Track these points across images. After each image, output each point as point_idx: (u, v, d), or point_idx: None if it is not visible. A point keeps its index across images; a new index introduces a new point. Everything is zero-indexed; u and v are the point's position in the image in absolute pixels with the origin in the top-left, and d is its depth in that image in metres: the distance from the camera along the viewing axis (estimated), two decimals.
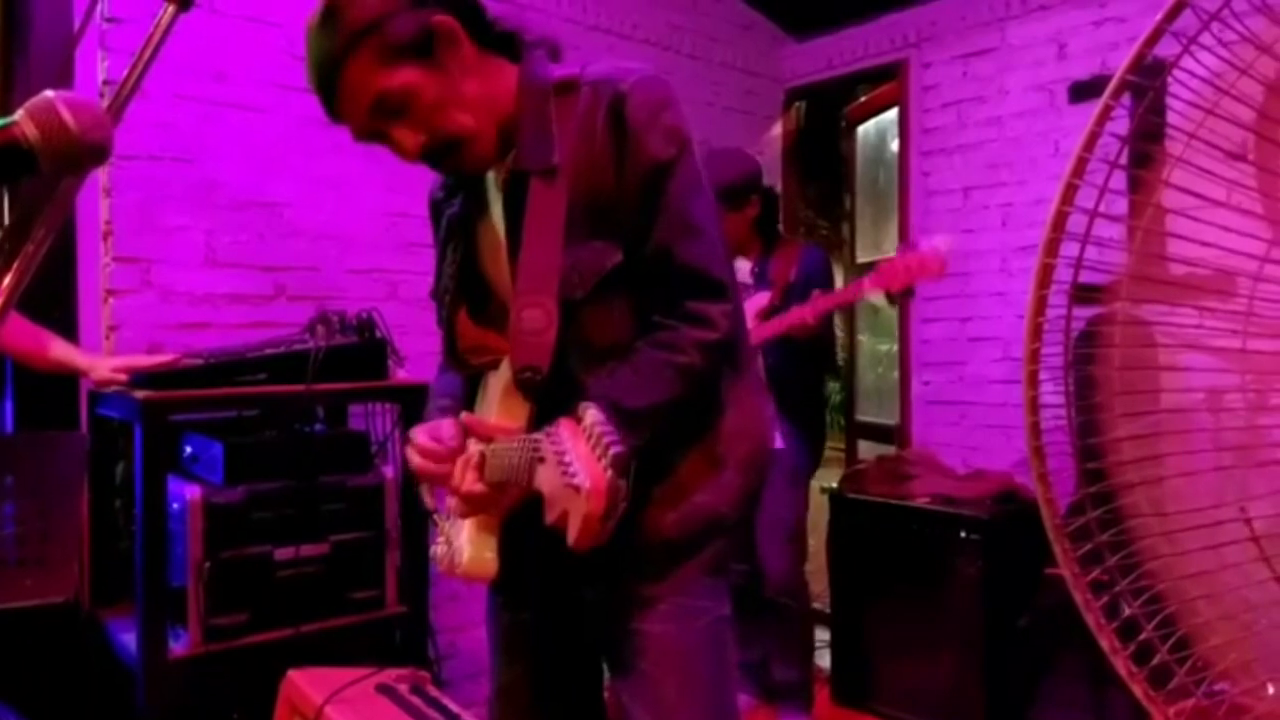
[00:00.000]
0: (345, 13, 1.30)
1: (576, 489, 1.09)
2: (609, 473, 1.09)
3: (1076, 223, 1.66)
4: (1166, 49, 1.71)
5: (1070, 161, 1.56)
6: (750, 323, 3.15)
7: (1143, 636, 1.54)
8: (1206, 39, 1.45)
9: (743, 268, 3.33)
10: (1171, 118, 1.51)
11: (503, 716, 1.67)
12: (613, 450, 1.09)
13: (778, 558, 3.24)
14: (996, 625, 3.14)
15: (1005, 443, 3.82)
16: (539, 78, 1.43)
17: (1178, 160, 1.49)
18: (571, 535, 1.12)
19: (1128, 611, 1.52)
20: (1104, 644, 1.57)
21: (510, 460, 1.30)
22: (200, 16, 2.87)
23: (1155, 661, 1.52)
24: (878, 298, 3.09)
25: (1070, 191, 1.55)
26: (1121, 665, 1.57)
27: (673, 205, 1.38)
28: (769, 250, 3.37)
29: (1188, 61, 1.47)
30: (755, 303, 3.25)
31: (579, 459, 1.11)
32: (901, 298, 3.13)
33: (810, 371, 3.37)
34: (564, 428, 1.15)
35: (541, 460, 1.18)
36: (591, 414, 1.14)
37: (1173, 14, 1.47)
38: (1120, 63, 3.26)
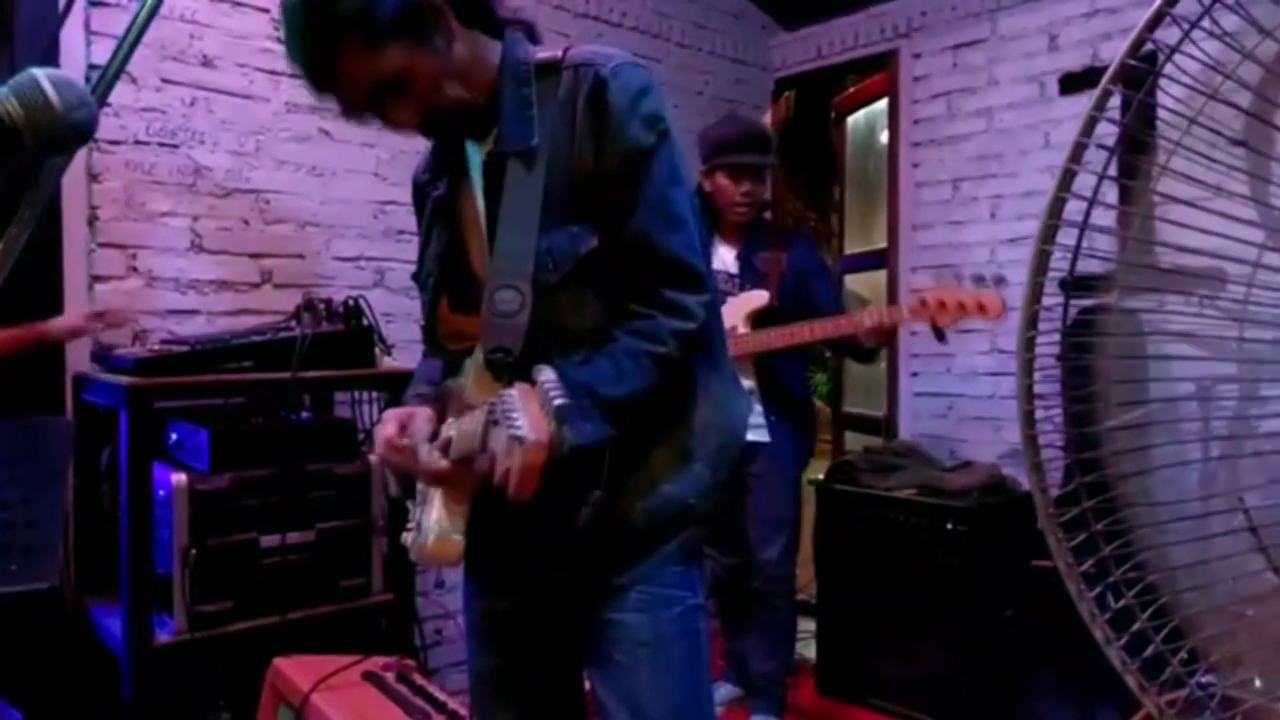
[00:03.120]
0: None
1: (520, 440, 1.16)
2: (552, 424, 1.16)
3: (1070, 210, 1.65)
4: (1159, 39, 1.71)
5: (1069, 147, 1.56)
6: (744, 326, 3.08)
7: (1136, 627, 1.54)
8: (1204, 24, 1.45)
9: (726, 256, 3.22)
10: (1167, 102, 1.50)
11: (479, 704, 1.67)
12: (556, 403, 1.15)
13: (768, 551, 3.19)
14: (982, 616, 3.16)
15: (993, 435, 3.83)
16: (520, 58, 1.43)
17: (1176, 146, 1.49)
18: (510, 486, 1.19)
19: (1121, 602, 1.51)
20: (1098, 635, 1.56)
21: (470, 429, 1.33)
22: (187, 1, 2.85)
23: (1149, 652, 1.52)
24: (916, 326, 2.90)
25: (1068, 177, 1.54)
26: (1115, 656, 1.57)
27: (652, 193, 1.38)
28: (755, 238, 3.23)
29: (1184, 47, 1.46)
30: (749, 301, 3.12)
31: (526, 414, 1.17)
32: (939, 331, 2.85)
33: (800, 364, 3.33)
34: (517, 389, 1.22)
35: (495, 423, 1.23)
36: (544, 374, 1.20)
37: None
38: (1112, 54, 3.26)
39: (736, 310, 3.09)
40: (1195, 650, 1.52)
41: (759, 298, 3.12)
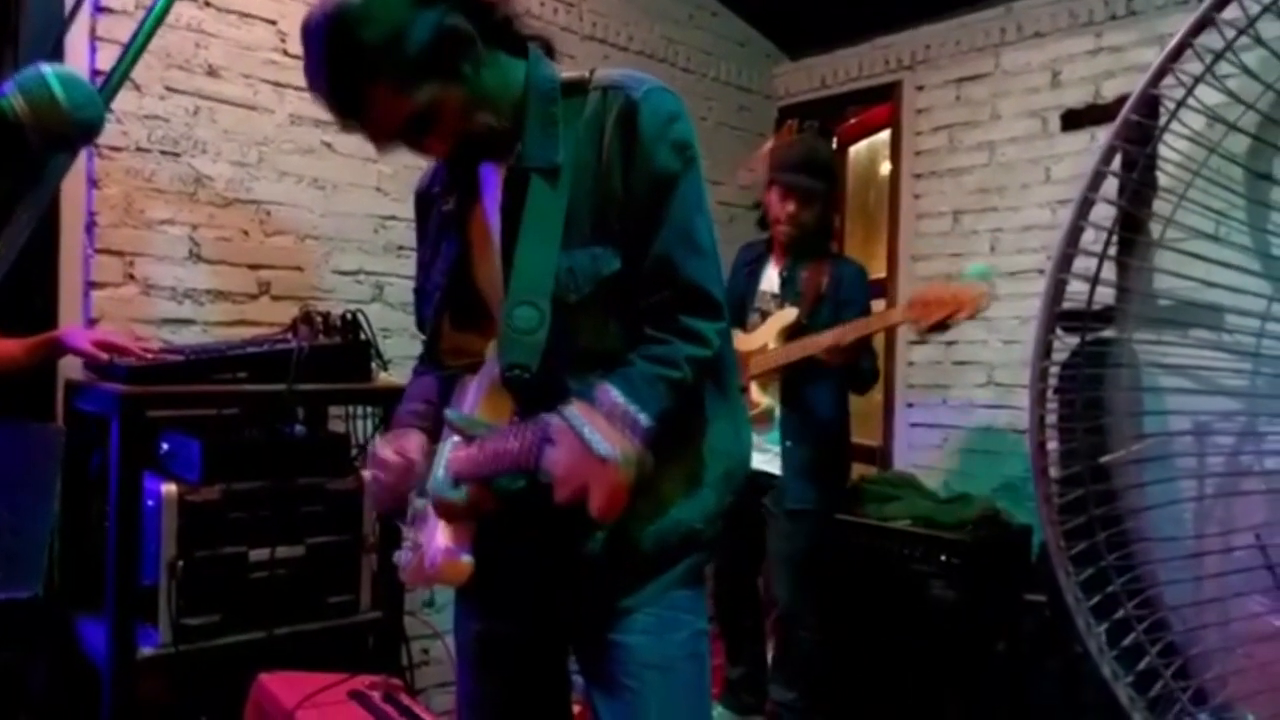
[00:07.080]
0: (358, 31, 1.25)
1: (604, 459, 1.12)
2: (637, 442, 1.14)
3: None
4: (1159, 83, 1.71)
5: (1081, 177, 1.56)
6: (774, 342, 3.10)
7: (1143, 665, 1.53)
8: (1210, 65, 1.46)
9: (772, 274, 3.24)
10: (1179, 137, 1.50)
11: None
12: (644, 422, 1.15)
13: (781, 588, 3.20)
14: (974, 649, 3.13)
15: (989, 467, 3.81)
16: (546, 77, 1.43)
17: (1195, 175, 1.49)
18: (595, 505, 1.15)
19: (1131, 637, 1.50)
20: (1105, 671, 1.55)
21: (507, 447, 1.29)
22: (194, 10, 2.85)
23: (1156, 691, 1.50)
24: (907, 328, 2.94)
25: (1087, 206, 1.53)
26: (1122, 692, 1.56)
27: (677, 219, 1.38)
28: (801, 259, 3.22)
29: (1187, 81, 1.47)
30: (780, 319, 3.12)
31: (602, 432, 1.14)
32: (932, 332, 2.87)
33: (830, 388, 3.18)
34: (578, 408, 1.19)
35: (551, 441, 1.20)
36: (612, 394, 1.18)
37: (1196, 29, 1.47)
38: (1115, 92, 3.26)
39: (770, 328, 3.12)
40: (1202, 689, 1.50)
41: (789, 315, 3.12)
